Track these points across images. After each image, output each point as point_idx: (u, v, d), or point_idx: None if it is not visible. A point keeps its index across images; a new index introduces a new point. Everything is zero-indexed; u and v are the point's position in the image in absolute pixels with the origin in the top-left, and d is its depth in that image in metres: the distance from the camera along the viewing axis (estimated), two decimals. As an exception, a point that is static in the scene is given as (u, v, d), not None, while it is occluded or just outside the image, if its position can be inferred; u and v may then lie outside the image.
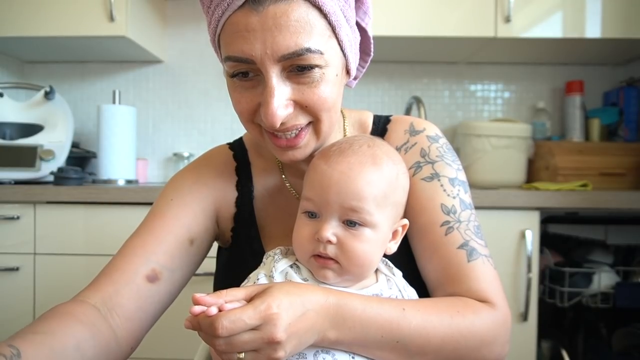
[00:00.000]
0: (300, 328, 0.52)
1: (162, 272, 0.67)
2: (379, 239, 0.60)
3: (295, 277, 0.60)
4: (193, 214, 0.71)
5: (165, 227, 0.69)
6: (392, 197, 0.61)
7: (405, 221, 0.65)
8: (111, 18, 1.67)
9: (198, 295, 0.50)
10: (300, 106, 0.60)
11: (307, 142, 0.64)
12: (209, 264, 0.82)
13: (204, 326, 0.49)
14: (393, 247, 0.64)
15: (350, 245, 0.58)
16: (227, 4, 0.56)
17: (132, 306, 0.64)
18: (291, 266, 0.62)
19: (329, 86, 0.60)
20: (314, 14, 0.57)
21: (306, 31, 0.56)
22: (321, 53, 0.58)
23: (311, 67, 0.58)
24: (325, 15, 0.58)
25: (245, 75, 0.60)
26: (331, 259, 0.59)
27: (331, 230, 0.58)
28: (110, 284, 0.64)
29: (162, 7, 2.01)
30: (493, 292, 0.64)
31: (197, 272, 1.60)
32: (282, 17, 0.55)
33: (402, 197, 0.64)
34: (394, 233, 0.64)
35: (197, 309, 0.49)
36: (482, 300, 0.63)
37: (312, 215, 0.60)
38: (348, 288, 0.61)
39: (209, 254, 0.82)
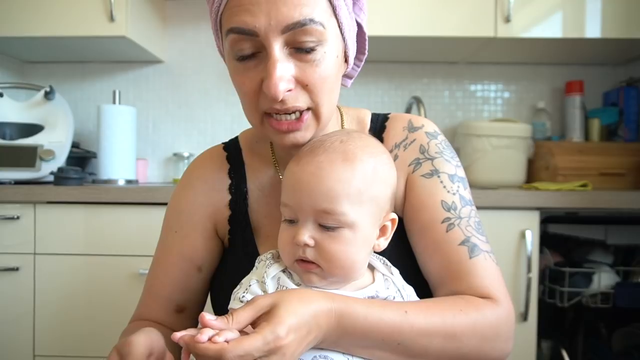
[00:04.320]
0: (303, 347, 0.52)
1: (185, 304, 0.76)
2: (359, 238, 0.58)
3: (288, 282, 0.59)
4: (193, 245, 0.75)
5: (173, 265, 0.76)
6: (370, 193, 0.58)
7: (394, 215, 0.63)
8: (111, 18, 1.67)
9: (207, 318, 0.49)
10: (302, 85, 0.60)
11: (308, 125, 0.63)
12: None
13: (209, 353, 0.46)
14: (383, 244, 0.63)
15: (329, 248, 0.57)
16: None
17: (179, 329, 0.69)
18: (283, 271, 0.61)
19: (329, 66, 0.61)
20: None
21: (309, 4, 0.57)
22: (324, 27, 0.59)
23: (313, 49, 0.59)
24: None
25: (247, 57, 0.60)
26: (313, 262, 0.57)
27: (307, 233, 0.57)
28: (154, 315, 0.75)
29: (162, 7, 2.01)
30: (495, 288, 0.64)
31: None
32: None
33: (382, 190, 0.61)
34: (383, 229, 0.62)
35: (204, 337, 0.47)
36: (485, 297, 0.63)
37: (291, 221, 0.59)
38: (344, 289, 0.60)
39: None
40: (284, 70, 0.58)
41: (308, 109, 0.62)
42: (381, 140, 0.74)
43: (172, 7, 2.06)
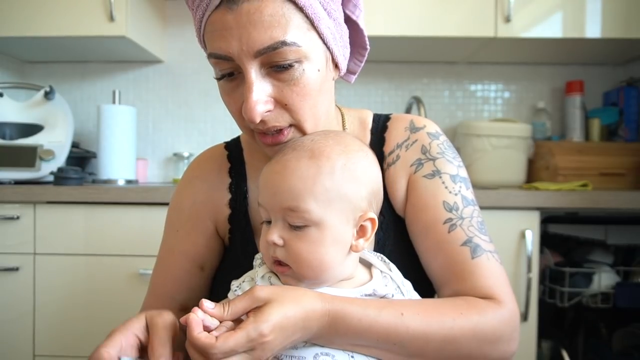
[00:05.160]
0: (286, 344, 0.53)
1: (188, 303, 0.75)
2: (327, 237, 0.56)
3: (279, 282, 0.59)
4: (195, 244, 0.75)
5: (175, 264, 0.75)
6: (338, 190, 0.56)
7: (372, 215, 0.60)
8: (111, 18, 1.67)
9: (205, 305, 0.52)
10: (281, 105, 0.60)
11: (291, 139, 0.63)
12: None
13: (198, 344, 0.49)
14: (362, 244, 0.60)
15: (296, 247, 0.56)
16: (206, 5, 0.58)
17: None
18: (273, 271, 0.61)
19: (309, 83, 0.60)
20: (288, 8, 0.57)
21: (281, 25, 0.56)
22: (298, 46, 0.57)
23: (290, 66, 0.58)
24: (301, 9, 0.57)
25: (230, 76, 0.60)
26: (286, 265, 0.57)
27: (277, 233, 0.57)
28: None
29: (162, 7, 2.01)
30: (499, 289, 0.64)
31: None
32: (255, 14, 0.55)
33: (354, 189, 0.58)
34: (363, 229, 0.60)
35: (198, 330, 0.50)
36: (488, 297, 0.63)
37: (269, 222, 0.59)
38: (340, 287, 0.60)
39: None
40: (260, 93, 0.58)
41: (290, 125, 0.62)
42: (383, 140, 0.74)
43: (172, 7, 2.06)
